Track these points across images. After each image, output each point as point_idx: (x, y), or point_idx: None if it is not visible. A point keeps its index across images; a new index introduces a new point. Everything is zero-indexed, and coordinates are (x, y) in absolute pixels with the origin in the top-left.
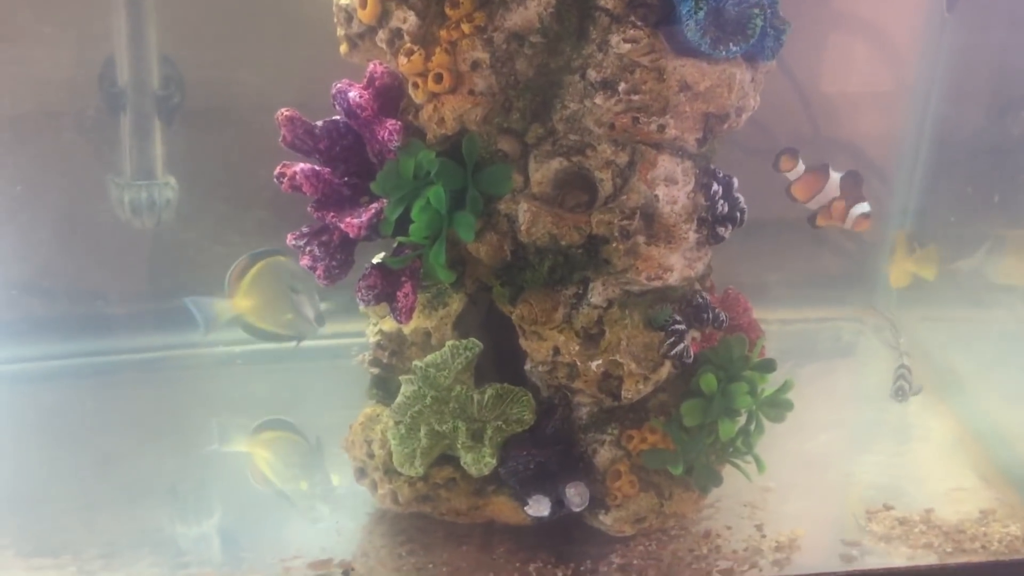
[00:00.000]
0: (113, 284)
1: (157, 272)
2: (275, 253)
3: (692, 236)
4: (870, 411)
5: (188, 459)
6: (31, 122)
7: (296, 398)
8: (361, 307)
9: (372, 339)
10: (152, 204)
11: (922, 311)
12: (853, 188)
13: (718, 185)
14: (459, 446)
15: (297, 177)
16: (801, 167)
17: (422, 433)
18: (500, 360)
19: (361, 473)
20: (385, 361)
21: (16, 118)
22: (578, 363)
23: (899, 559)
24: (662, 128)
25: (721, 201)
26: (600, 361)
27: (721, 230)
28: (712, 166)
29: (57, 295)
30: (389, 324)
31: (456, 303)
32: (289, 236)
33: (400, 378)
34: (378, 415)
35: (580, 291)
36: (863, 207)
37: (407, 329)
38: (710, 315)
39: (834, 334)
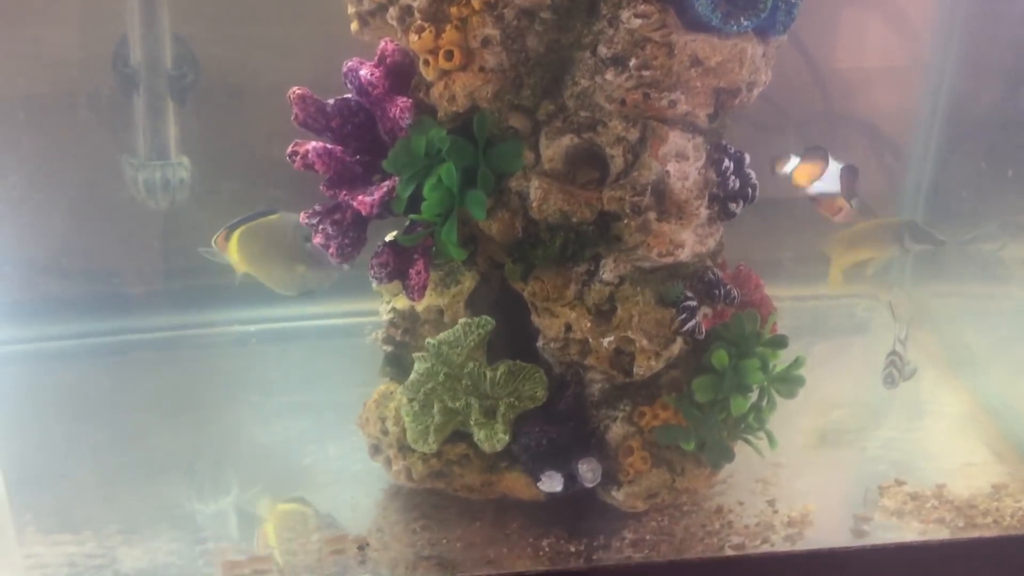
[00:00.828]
0: (129, 264)
1: (172, 252)
2: (263, 215)
3: (703, 212)
4: (883, 388)
5: (205, 437)
6: (45, 102)
7: (310, 376)
8: (374, 285)
9: (385, 317)
10: (166, 184)
11: (935, 286)
12: (851, 180)
13: (729, 161)
14: (472, 423)
15: (310, 155)
16: (794, 159)
17: (435, 410)
18: (512, 338)
19: (375, 450)
20: (398, 339)
21: (30, 98)
22: (590, 340)
23: (911, 534)
24: (673, 103)
25: (732, 177)
26: (612, 338)
27: (732, 206)
28: (723, 142)
29: (74, 275)
30: (402, 302)
31: (468, 281)
32: (302, 214)
33: (413, 355)
34: (392, 392)
35: (592, 268)
36: (856, 202)
37: (420, 307)
38: (721, 291)
39: (848, 311)
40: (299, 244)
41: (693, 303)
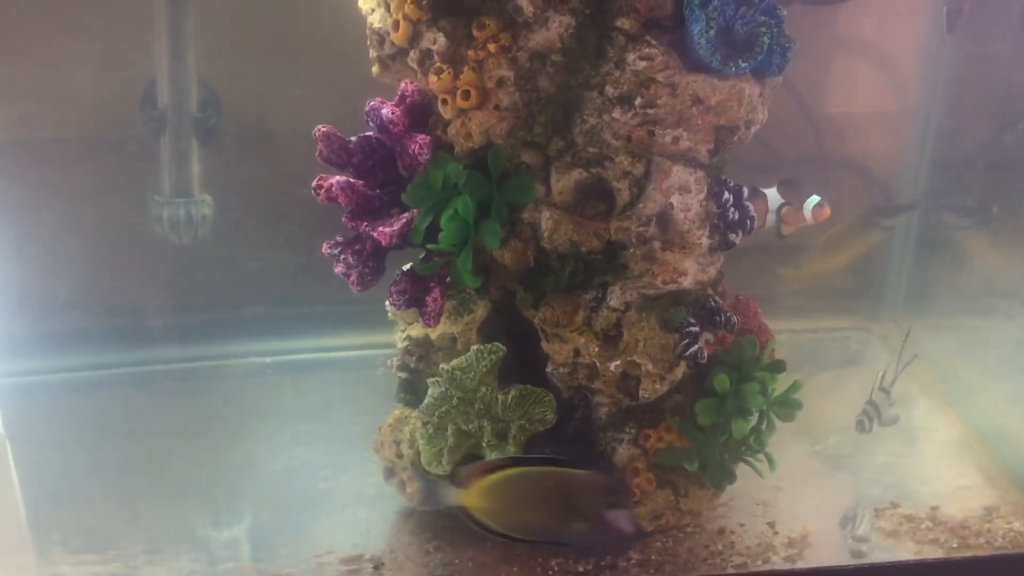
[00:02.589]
0: (152, 298)
1: (193, 286)
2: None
3: (705, 242)
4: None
5: (223, 462)
6: (75, 143)
7: (324, 406)
8: (390, 312)
9: (400, 345)
10: (189, 220)
11: (929, 320)
12: (793, 190)
13: (729, 194)
14: (484, 445)
15: (333, 189)
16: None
17: (449, 432)
18: (522, 365)
19: (390, 473)
20: (413, 365)
21: (61, 140)
22: (597, 364)
23: (906, 554)
24: (676, 140)
25: (732, 209)
26: (619, 362)
27: (732, 236)
28: (723, 176)
29: (98, 309)
30: (417, 330)
31: (481, 309)
32: (325, 245)
33: (428, 381)
34: (406, 417)
35: (599, 295)
36: (813, 199)
37: (434, 335)
38: (722, 318)
39: (842, 343)
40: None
41: (695, 329)
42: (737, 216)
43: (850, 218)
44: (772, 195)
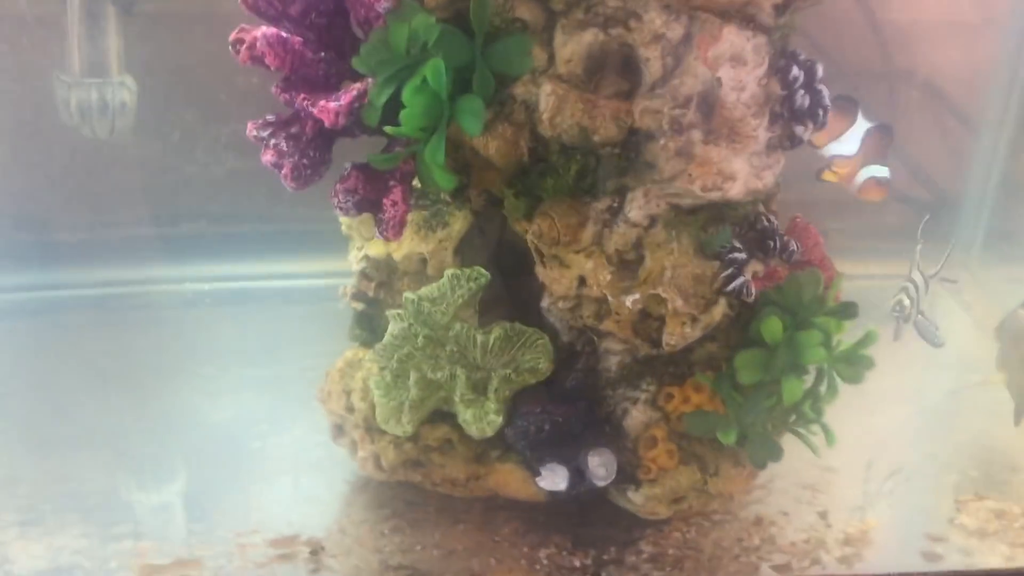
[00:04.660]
0: (61, 207)
1: (113, 193)
2: None
3: (762, 135)
4: (951, 383)
5: (140, 412)
6: None
7: (271, 344)
8: (341, 220)
9: (356, 267)
10: (104, 108)
11: (1010, 270)
12: (876, 145)
13: (799, 70)
14: (457, 399)
15: (258, 44)
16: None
17: (412, 381)
18: (511, 299)
19: (339, 431)
20: (371, 294)
21: None
22: (609, 297)
23: (996, 559)
24: None
25: (801, 91)
26: (637, 295)
27: (800, 129)
28: (791, 47)
29: None
30: (377, 248)
31: (459, 223)
32: (249, 124)
33: (387, 313)
34: (360, 360)
35: (615, 204)
36: (878, 170)
37: (398, 254)
38: (777, 243)
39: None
40: None
41: (742, 255)
42: (807, 102)
43: None
44: (857, 131)
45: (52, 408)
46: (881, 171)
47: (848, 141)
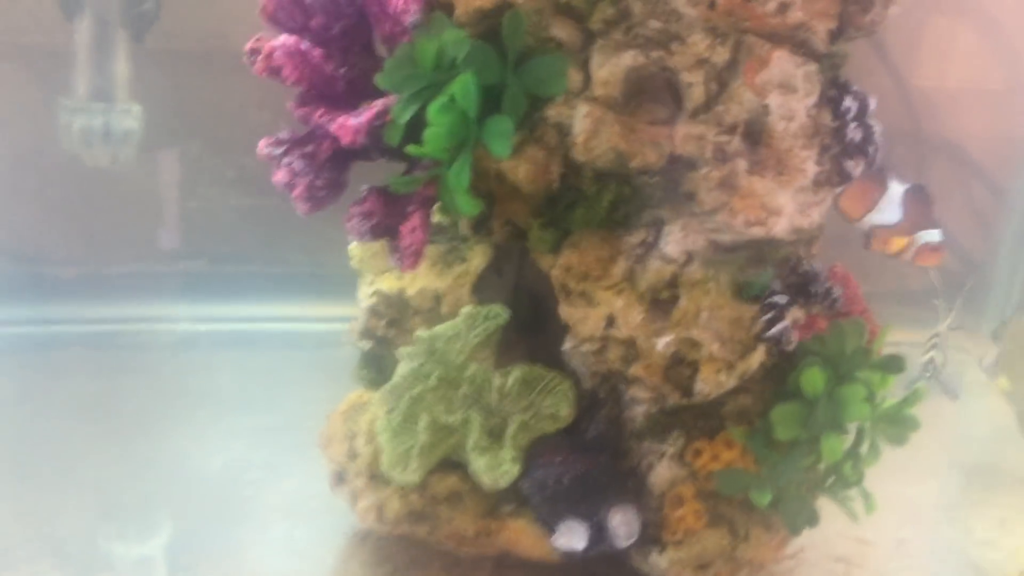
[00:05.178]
0: (58, 239)
1: (112, 226)
2: None
3: (811, 168)
4: (984, 455)
5: (132, 455)
6: None
7: (270, 389)
8: (351, 254)
9: (365, 303)
10: (108, 134)
11: None
12: (919, 208)
13: (853, 101)
14: (470, 446)
15: (276, 55)
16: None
17: (422, 426)
18: (531, 342)
19: (339, 479)
20: (380, 333)
21: None
22: (639, 340)
23: None
24: (783, 8)
25: (853, 124)
26: (670, 338)
27: (850, 165)
28: (843, 77)
29: None
30: (389, 283)
31: (478, 258)
32: (262, 143)
33: (398, 351)
34: (366, 403)
35: (650, 239)
36: (929, 235)
37: (412, 290)
38: (820, 289)
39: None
40: None
41: (783, 300)
42: (860, 136)
43: None
44: (894, 195)
45: (34, 447)
46: (933, 235)
47: (887, 210)
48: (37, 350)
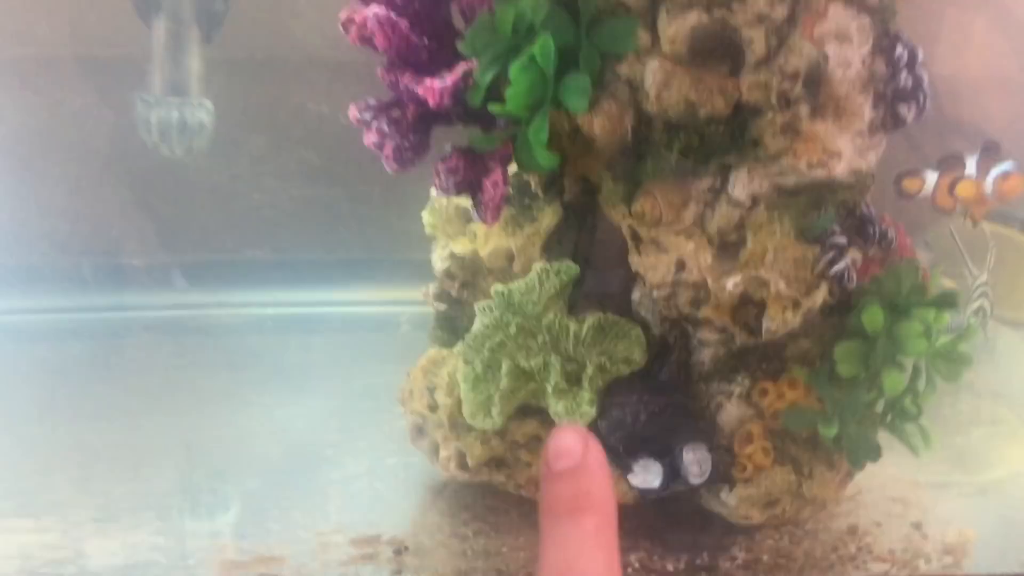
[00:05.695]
0: (133, 229)
1: (183, 216)
2: None
3: (867, 113)
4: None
5: (208, 424)
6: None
7: (331, 368)
8: (425, 221)
9: (440, 265)
10: (184, 126)
11: None
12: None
13: (903, 49)
14: (550, 390)
15: (369, 24)
16: (931, 177)
17: (503, 371)
18: (598, 296)
19: (419, 432)
20: (454, 294)
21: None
22: (709, 281)
23: None
24: None
25: (904, 72)
26: (739, 278)
27: (903, 109)
28: (894, 28)
29: (70, 242)
30: (463, 245)
31: (549, 217)
32: (352, 107)
33: (476, 306)
34: (444, 358)
35: (717, 184)
36: (1005, 166)
37: (484, 250)
38: (876, 230)
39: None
40: None
41: (842, 240)
42: (911, 83)
43: None
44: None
45: (116, 421)
46: (1006, 166)
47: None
48: (108, 336)
